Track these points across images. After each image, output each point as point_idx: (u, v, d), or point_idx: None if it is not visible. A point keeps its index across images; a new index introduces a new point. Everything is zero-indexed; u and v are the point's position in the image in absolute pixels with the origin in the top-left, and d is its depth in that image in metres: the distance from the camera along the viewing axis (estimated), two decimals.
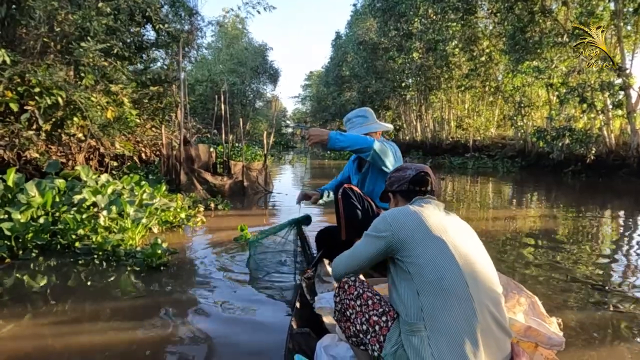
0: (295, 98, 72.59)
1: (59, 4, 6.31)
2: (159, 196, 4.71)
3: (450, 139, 20.20)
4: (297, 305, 2.19)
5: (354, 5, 31.92)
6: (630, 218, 5.74)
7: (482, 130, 19.24)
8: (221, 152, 8.26)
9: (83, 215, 3.75)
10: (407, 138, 24.37)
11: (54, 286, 2.85)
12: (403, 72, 20.12)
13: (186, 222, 4.63)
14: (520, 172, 13.24)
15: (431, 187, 1.62)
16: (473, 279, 1.30)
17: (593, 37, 9.15)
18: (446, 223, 1.43)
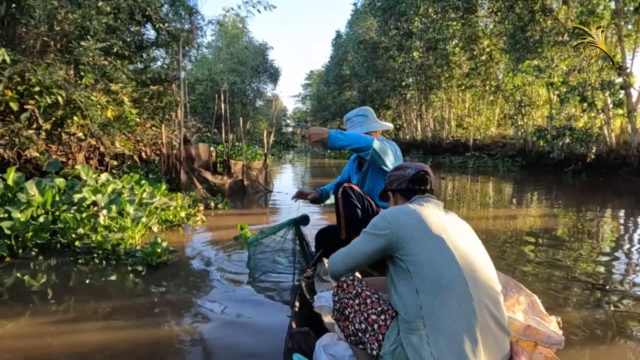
0: (295, 97, 72.75)
1: (59, 3, 6.31)
2: (159, 195, 4.71)
3: (451, 138, 20.19)
4: (297, 305, 2.19)
5: (354, 4, 31.95)
6: (631, 217, 5.73)
7: (482, 130, 19.23)
8: (221, 151, 8.26)
9: (83, 214, 3.75)
10: (408, 137, 24.36)
11: (54, 285, 2.85)
12: (403, 71, 20.09)
13: (186, 221, 4.63)
14: (521, 171, 13.24)
15: (431, 186, 1.62)
16: (472, 277, 1.30)
17: (593, 37, 9.15)
18: (445, 222, 1.43)
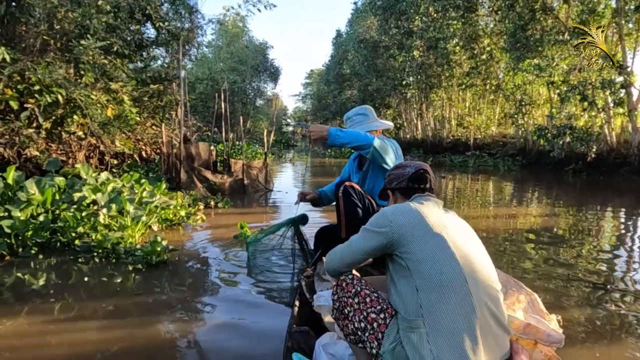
0: (295, 96, 72.71)
1: (59, 1, 6.30)
2: (159, 194, 4.71)
3: (451, 138, 20.18)
4: (296, 304, 2.19)
5: (355, 3, 31.81)
6: (631, 216, 5.72)
7: (482, 129, 19.22)
8: (221, 150, 8.26)
9: (83, 213, 3.75)
10: (408, 136, 24.35)
11: (54, 284, 2.85)
12: (404, 71, 20.06)
13: (186, 220, 4.63)
14: (521, 170, 13.23)
15: (430, 185, 1.62)
16: (472, 276, 1.29)
17: (593, 37, 9.13)
18: (445, 221, 1.43)
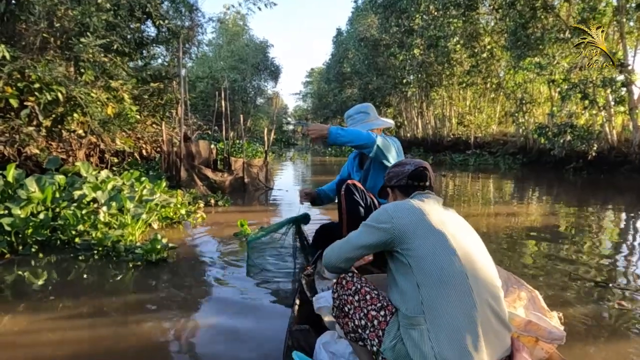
0: (296, 95, 72.66)
1: None
2: (159, 192, 4.71)
3: (452, 136, 20.16)
4: (297, 302, 2.18)
5: (355, 1, 31.77)
6: (632, 215, 5.71)
7: (483, 127, 19.20)
8: (222, 148, 8.25)
9: (83, 211, 3.75)
10: (408, 135, 24.33)
11: (54, 282, 2.85)
12: (404, 69, 20.01)
13: (186, 218, 4.63)
14: (522, 168, 13.22)
15: (430, 183, 1.61)
16: (473, 272, 1.29)
17: (593, 37, 9.11)
18: (445, 218, 1.42)
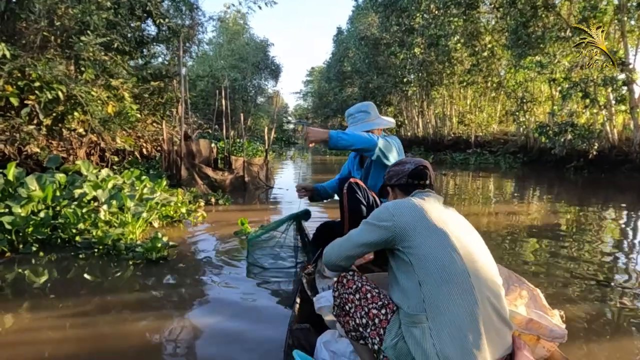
0: (296, 94, 72.54)
1: None
2: (159, 191, 4.70)
3: (452, 135, 20.15)
4: (297, 301, 2.18)
5: (356, 0, 31.74)
6: (633, 214, 5.71)
7: (484, 126, 19.19)
8: (222, 147, 8.25)
9: (83, 210, 3.74)
10: (409, 134, 24.32)
11: (55, 280, 2.85)
12: (405, 68, 19.99)
13: (187, 217, 4.62)
14: (522, 168, 13.20)
15: (430, 181, 1.61)
16: (474, 271, 1.29)
17: (593, 37, 9.10)
18: (446, 217, 1.43)
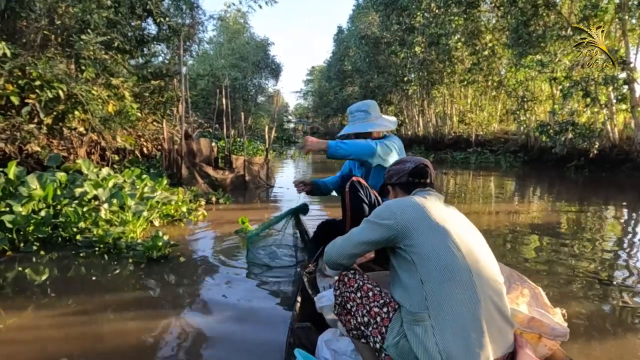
0: (297, 93, 72.53)
1: None
2: (160, 190, 4.71)
3: (453, 134, 20.12)
4: (298, 300, 2.18)
5: None
6: (634, 213, 5.70)
7: (484, 125, 19.17)
8: (223, 146, 8.25)
9: (84, 208, 3.75)
10: (410, 133, 24.29)
11: (55, 279, 2.85)
12: (405, 67, 19.96)
13: (187, 216, 4.62)
14: (523, 167, 13.19)
15: (431, 179, 1.61)
16: (476, 269, 1.29)
17: (593, 37, 9.08)
18: (447, 215, 1.42)
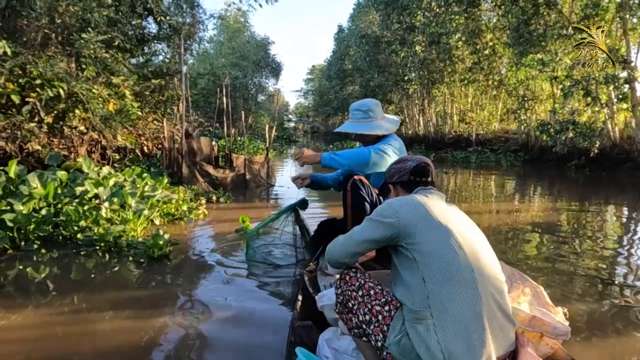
0: (297, 92, 72.37)
1: None
2: (160, 188, 4.70)
3: (453, 133, 20.10)
4: (299, 299, 2.18)
5: None
6: (635, 212, 5.70)
7: (485, 124, 19.15)
8: (223, 145, 8.24)
9: (85, 207, 3.74)
10: (410, 132, 24.27)
11: (56, 277, 2.85)
12: (406, 66, 19.95)
13: (188, 215, 4.62)
14: (524, 166, 13.17)
15: (432, 178, 1.61)
16: (478, 267, 1.29)
17: (593, 37, 9.07)
18: (449, 214, 1.42)
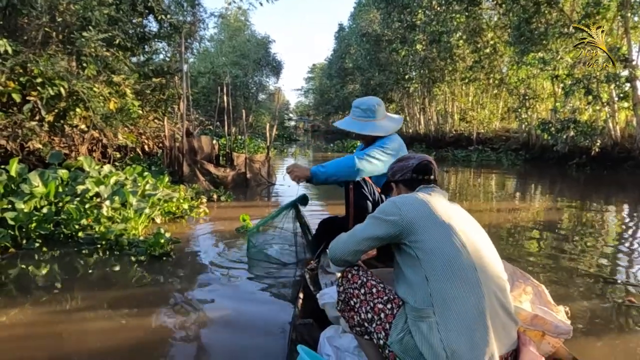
0: (298, 91, 72.45)
1: None
2: (161, 187, 4.71)
3: (454, 132, 20.07)
4: (301, 297, 2.19)
5: None
6: (636, 210, 5.69)
7: (485, 123, 19.11)
8: (224, 144, 8.24)
9: (86, 206, 3.75)
10: (411, 131, 24.24)
11: (57, 275, 2.86)
12: (406, 65, 19.91)
13: (189, 213, 4.62)
14: (524, 164, 13.16)
15: (434, 176, 1.60)
16: (481, 265, 1.29)
17: (593, 37, 9.05)
18: (451, 212, 1.42)
